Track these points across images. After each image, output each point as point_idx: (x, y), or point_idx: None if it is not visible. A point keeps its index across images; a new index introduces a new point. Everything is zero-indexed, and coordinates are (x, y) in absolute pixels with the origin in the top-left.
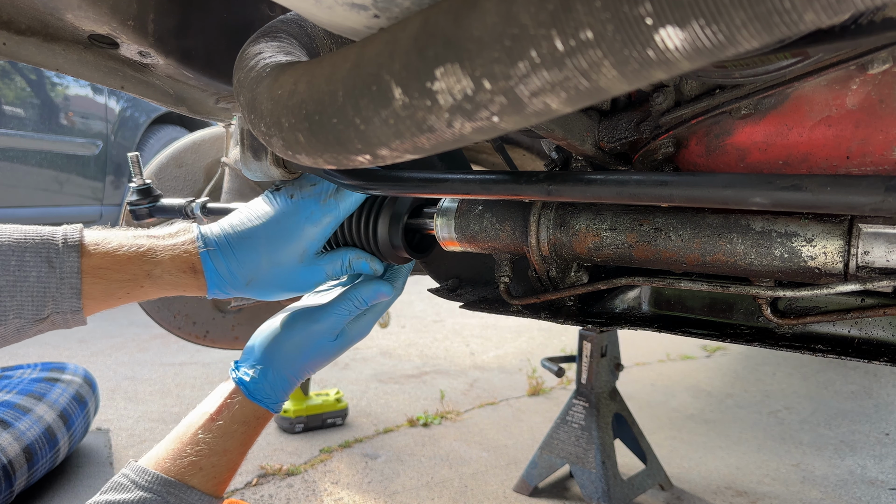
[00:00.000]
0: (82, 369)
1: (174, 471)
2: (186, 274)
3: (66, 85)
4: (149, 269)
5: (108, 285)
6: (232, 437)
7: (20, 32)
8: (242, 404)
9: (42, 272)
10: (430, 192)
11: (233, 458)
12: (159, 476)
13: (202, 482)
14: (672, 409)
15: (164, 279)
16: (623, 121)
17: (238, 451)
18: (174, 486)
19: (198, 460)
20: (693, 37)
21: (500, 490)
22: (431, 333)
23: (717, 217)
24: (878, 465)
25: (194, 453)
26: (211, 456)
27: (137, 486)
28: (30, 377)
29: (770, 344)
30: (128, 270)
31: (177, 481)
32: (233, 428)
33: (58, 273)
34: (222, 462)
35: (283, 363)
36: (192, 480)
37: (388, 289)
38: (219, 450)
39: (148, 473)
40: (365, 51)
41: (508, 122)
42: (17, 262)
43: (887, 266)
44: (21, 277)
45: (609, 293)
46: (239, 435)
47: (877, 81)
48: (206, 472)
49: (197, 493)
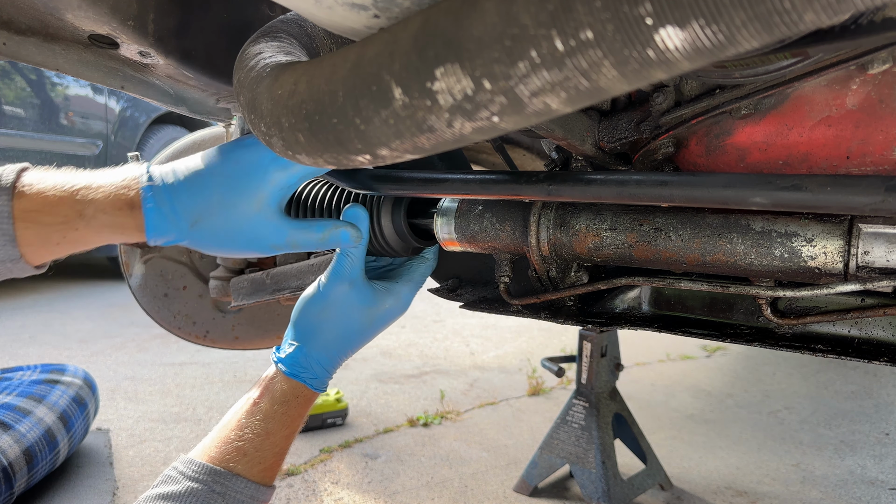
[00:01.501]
0: (82, 371)
1: (219, 458)
2: (122, 212)
3: (66, 85)
4: (81, 208)
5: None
6: (273, 419)
7: (20, 32)
8: (282, 384)
9: None
10: (430, 192)
11: (276, 441)
12: (205, 465)
13: (247, 468)
14: (672, 409)
15: (99, 219)
16: (623, 121)
17: (281, 433)
18: (220, 475)
19: (242, 445)
20: (693, 37)
21: (501, 490)
22: (431, 333)
23: (717, 217)
24: (878, 465)
25: (238, 438)
26: (254, 440)
27: (185, 477)
28: (30, 379)
29: (770, 344)
30: (59, 212)
31: (222, 469)
32: (273, 409)
33: None
34: (266, 445)
35: (313, 333)
36: (237, 467)
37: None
38: (261, 433)
39: (194, 464)
40: (365, 51)
41: (508, 122)
42: None
43: (887, 266)
44: None
45: (609, 293)
46: (280, 416)
47: (877, 81)
48: (250, 457)
49: (243, 481)
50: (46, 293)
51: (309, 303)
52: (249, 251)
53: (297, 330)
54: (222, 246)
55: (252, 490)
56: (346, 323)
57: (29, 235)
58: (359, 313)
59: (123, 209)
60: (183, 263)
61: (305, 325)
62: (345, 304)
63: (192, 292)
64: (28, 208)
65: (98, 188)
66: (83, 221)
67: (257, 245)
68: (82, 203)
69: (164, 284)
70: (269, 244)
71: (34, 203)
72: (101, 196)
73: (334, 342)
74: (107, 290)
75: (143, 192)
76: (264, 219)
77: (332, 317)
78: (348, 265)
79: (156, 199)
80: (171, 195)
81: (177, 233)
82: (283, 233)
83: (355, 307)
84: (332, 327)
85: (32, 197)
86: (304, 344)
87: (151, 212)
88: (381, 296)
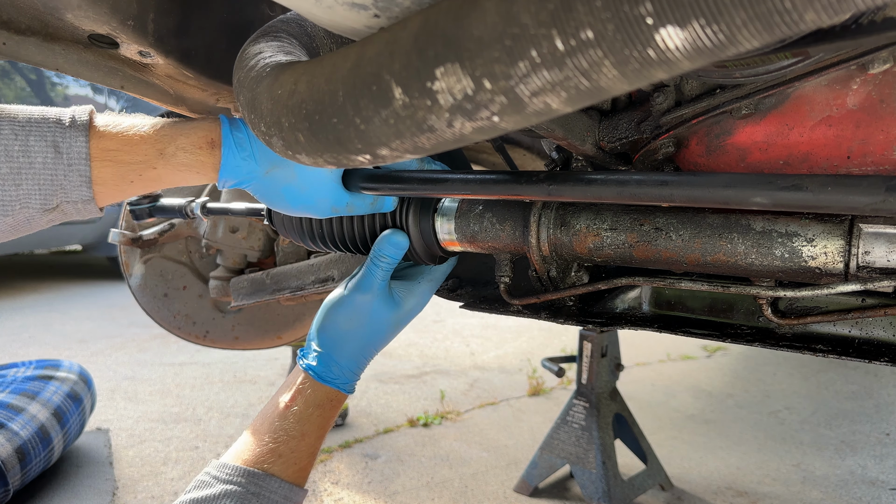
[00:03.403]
0: (77, 366)
1: (253, 460)
2: (203, 150)
3: (66, 85)
4: (162, 146)
5: (118, 168)
6: (309, 421)
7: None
8: (314, 388)
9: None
10: (430, 192)
11: (311, 441)
12: (239, 468)
13: (282, 469)
14: (672, 409)
15: (178, 157)
16: (623, 120)
17: (316, 434)
18: (255, 476)
19: (276, 447)
20: (693, 37)
21: (501, 490)
22: (431, 333)
23: (717, 217)
24: (878, 466)
25: (272, 440)
26: (289, 441)
27: (219, 481)
28: (23, 375)
29: (770, 344)
30: (139, 151)
31: (257, 471)
32: (308, 412)
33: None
34: (301, 447)
35: (341, 341)
36: (272, 468)
37: (402, 236)
38: (296, 434)
39: (228, 467)
40: (365, 50)
41: (509, 122)
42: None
43: (888, 266)
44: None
45: (609, 293)
46: (315, 418)
47: (877, 81)
48: (285, 458)
49: (277, 481)
50: (46, 293)
51: (335, 311)
52: (310, 210)
53: (323, 337)
54: (287, 199)
55: (286, 490)
56: (372, 329)
57: (105, 174)
58: (385, 320)
59: (204, 148)
60: (183, 263)
61: (332, 333)
62: (371, 313)
63: (192, 292)
64: (107, 147)
65: (179, 127)
66: (163, 160)
67: (321, 205)
68: (163, 142)
69: (164, 284)
70: (331, 206)
71: (114, 142)
72: (182, 135)
73: (361, 348)
74: (107, 290)
75: (224, 132)
76: (332, 181)
77: (359, 325)
78: (378, 277)
79: (236, 140)
80: (252, 139)
81: (250, 177)
82: (345, 196)
83: (381, 315)
84: (359, 335)
85: (112, 136)
86: (332, 351)
87: (231, 152)
88: (405, 299)
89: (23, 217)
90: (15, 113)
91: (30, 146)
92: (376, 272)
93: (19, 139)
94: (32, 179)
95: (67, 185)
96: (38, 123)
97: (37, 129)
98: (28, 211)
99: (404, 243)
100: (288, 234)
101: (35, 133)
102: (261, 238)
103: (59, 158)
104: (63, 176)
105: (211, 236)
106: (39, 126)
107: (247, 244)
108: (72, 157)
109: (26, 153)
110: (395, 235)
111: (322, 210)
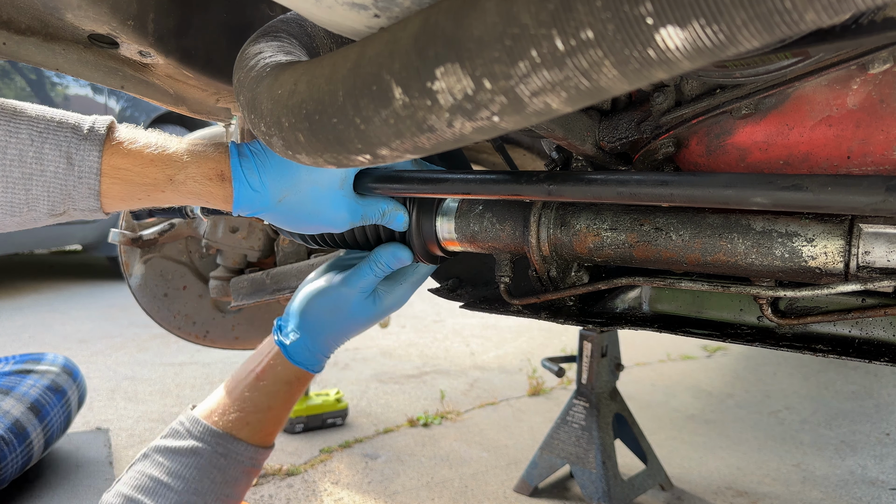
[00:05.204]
0: (62, 358)
1: (222, 424)
2: (213, 181)
3: (66, 85)
4: (172, 173)
5: (126, 187)
6: (276, 397)
7: (20, 32)
8: (285, 367)
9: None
10: (430, 192)
11: (277, 413)
12: (210, 428)
13: (249, 435)
14: (672, 409)
15: (188, 186)
16: (624, 120)
17: (282, 407)
18: (224, 438)
19: (244, 416)
20: (694, 36)
21: (501, 490)
22: (431, 333)
23: (717, 217)
24: (878, 466)
25: (240, 409)
26: (256, 413)
27: (191, 435)
28: (1, 371)
29: (771, 344)
30: (149, 174)
31: (225, 433)
32: (276, 388)
33: (76, 171)
34: (268, 418)
35: (319, 328)
36: (239, 434)
37: (407, 253)
38: (263, 407)
39: (200, 424)
40: (365, 50)
41: (509, 122)
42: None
43: (888, 266)
44: (37, 171)
45: (609, 293)
46: (283, 394)
47: (877, 81)
48: (252, 426)
49: (244, 445)
50: (46, 293)
51: (320, 301)
52: (328, 227)
53: (303, 321)
54: (304, 221)
55: (252, 452)
56: (351, 322)
57: (114, 190)
58: (365, 315)
59: (214, 179)
60: (183, 263)
61: (312, 320)
62: (354, 308)
63: (192, 292)
64: (119, 165)
65: (190, 154)
66: (172, 186)
67: (338, 222)
68: (174, 167)
69: (164, 284)
70: (349, 220)
71: (126, 161)
72: (193, 163)
73: (336, 337)
74: (107, 290)
75: (234, 164)
76: (344, 196)
77: (340, 317)
78: (370, 280)
79: (246, 173)
80: (261, 170)
81: (263, 207)
82: (359, 209)
83: (363, 311)
84: (338, 325)
85: (125, 154)
86: (308, 335)
87: (242, 186)
88: (385, 298)
89: (29, 217)
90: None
91: (44, 153)
92: (369, 275)
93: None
94: (42, 186)
95: (76, 195)
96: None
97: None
98: (35, 213)
99: (407, 259)
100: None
101: (51, 141)
102: (261, 238)
103: (71, 170)
104: (73, 187)
105: (211, 236)
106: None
107: (247, 244)
108: (83, 171)
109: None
110: (401, 251)
111: (340, 226)
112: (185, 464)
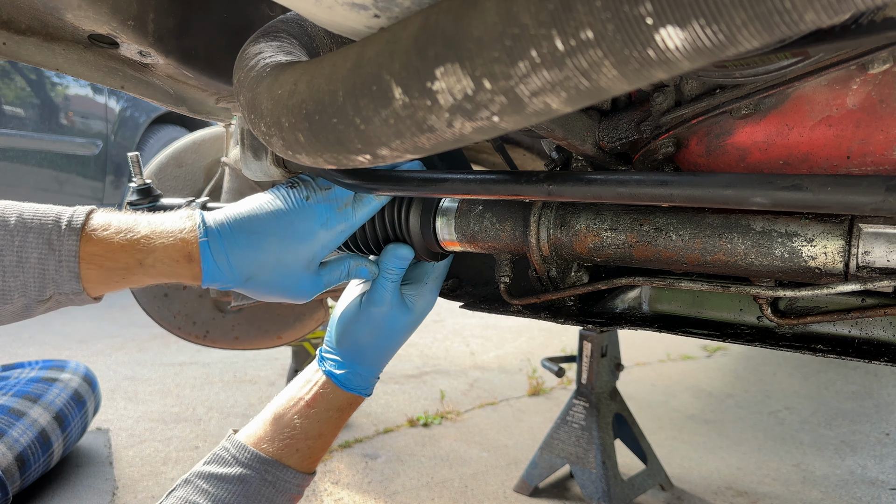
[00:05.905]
0: (83, 367)
1: (271, 451)
2: (180, 263)
3: (66, 85)
4: (141, 258)
5: (102, 272)
6: (328, 423)
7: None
8: (336, 394)
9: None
10: (430, 191)
11: (326, 440)
12: (258, 455)
13: (298, 462)
14: (672, 409)
15: (157, 268)
16: (623, 120)
17: (332, 433)
18: (272, 465)
19: (294, 443)
20: (693, 37)
21: (501, 490)
22: (431, 333)
23: (717, 217)
24: (878, 466)
25: (290, 437)
26: (307, 439)
27: (238, 462)
28: (27, 377)
29: (770, 344)
30: (120, 259)
31: (274, 460)
32: (328, 415)
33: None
34: (317, 444)
35: (363, 352)
36: (288, 461)
37: (406, 250)
38: (314, 434)
39: (247, 451)
40: (365, 51)
41: (509, 122)
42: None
43: (888, 266)
44: (23, 258)
45: (609, 293)
46: (334, 420)
47: (877, 81)
48: (301, 453)
49: (292, 472)
50: None
51: (354, 327)
52: (294, 300)
53: (347, 351)
54: (271, 295)
55: (300, 479)
56: (390, 338)
57: (92, 275)
58: (401, 326)
59: (181, 261)
60: None
61: (353, 346)
62: (389, 323)
63: (192, 292)
64: (93, 252)
65: (157, 237)
66: (142, 269)
67: (303, 295)
68: (143, 252)
69: (165, 284)
70: (313, 293)
71: (99, 248)
72: (160, 247)
73: (380, 355)
74: None
75: (202, 246)
76: (310, 274)
77: (378, 336)
78: (389, 289)
79: (214, 255)
80: (228, 251)
81: (232, 283)
82: (321, 282)
83: (398, 322)
84: (379, 344)
85: (98, 242)
86: (353, 362)
87: (210, 266)
88: (416, 303)
89: (20, 305)
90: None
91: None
92: (387, 285)
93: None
94: (29, 272)
95: (59, 279)
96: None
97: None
98: (25, 300)
99: (409, 254)
100: None
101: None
102: None
103: (52, 255)
104: (54, 270)
105: None
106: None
107: None
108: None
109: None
110: (399, 249)
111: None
112: (231, 491)
